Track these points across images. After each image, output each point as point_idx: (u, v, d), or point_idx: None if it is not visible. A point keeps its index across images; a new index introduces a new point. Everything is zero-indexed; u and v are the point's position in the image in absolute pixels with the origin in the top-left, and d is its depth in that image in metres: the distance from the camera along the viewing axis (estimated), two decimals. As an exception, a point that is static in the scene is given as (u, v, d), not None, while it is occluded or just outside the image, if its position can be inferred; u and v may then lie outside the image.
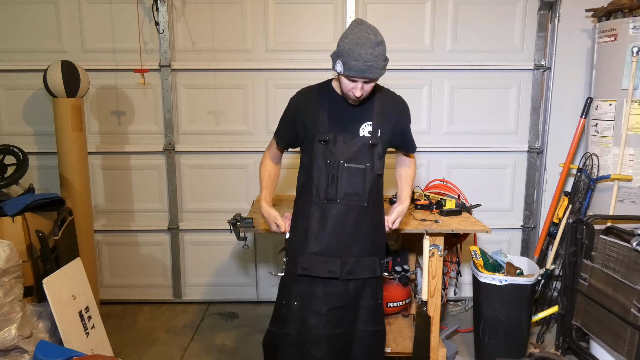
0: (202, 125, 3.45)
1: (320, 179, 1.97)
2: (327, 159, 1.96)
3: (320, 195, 1.97)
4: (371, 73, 1.80)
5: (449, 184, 3.15)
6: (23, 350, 2.14)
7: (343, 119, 1.98)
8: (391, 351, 2.54)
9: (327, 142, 1.95)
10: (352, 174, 1.96)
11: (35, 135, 3.42)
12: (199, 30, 3.34)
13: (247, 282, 3.64)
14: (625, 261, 2.37)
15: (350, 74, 1.80)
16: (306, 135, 2.02)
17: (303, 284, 1.99)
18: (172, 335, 3.18)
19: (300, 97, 2.06)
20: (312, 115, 2.00)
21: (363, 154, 1.97)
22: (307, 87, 2.09)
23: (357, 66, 1.77)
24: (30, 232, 2.39)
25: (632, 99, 2.83)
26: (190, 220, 3.57)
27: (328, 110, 1.98)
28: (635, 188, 2.90)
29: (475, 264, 2.81)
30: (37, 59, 3.28)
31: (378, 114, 2.00)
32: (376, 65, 1.78)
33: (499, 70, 3.40)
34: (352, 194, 1.97)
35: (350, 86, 1.86)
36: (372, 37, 1.77)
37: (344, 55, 1.78)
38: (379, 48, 1.78)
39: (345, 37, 1.81)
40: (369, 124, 1.99)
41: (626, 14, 2.88)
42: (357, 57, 1.76)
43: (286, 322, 2.02)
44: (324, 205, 1.97)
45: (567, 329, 2.79)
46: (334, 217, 1.96)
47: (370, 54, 1.76)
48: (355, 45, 1.76)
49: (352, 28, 1.81)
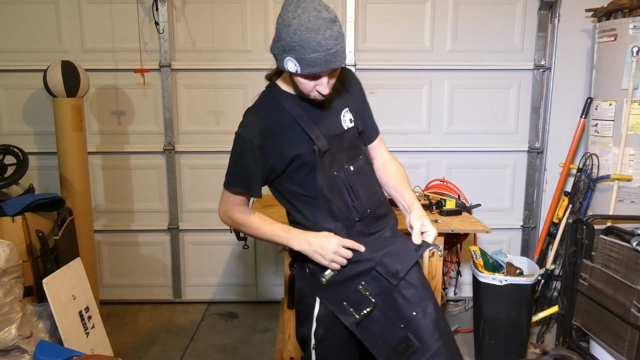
0: (202, 125, 3.45)
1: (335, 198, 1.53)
2: (330, 172, 1.54)
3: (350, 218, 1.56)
4: (337, 61, 1.37)
5: (449, 184, 3.15)
6: (23, 350, 2.13)
7: (322, 117, 1.55)
8: (391, 351, 2.53)
9: (324, 153, 1.52)
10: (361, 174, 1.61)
11: (35, 135, 3.42)
12: (199, 30, 3.34)
13: (247, 282, 3.64)
14: (625, 261, 2.37)
15: (312, 70, 1.36)
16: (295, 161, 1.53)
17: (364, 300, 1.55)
18: (172, 335, 3.18)
19: (257, 123, 1.52)
20: (289, 132, 1.52)
21: (355, 147, 1.63)
22: (253, 109, 1.57)
23: (318, 58, 1.33)
24: (30, 232, 2.39)
25: (632, 99, 2.83)
26: (190, 220, 3.57)
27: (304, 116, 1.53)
28: (635, 188, 2.90)
29: (475, 264, 2.81)
30: (37, 59, 3.28)
31: (347, 93, 1.63)
32: (340, 48, 1.36)
33: (499, 70, 3.40)
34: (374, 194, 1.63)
35: (312, 85, 1.43)
36: (325, 13, 1.33)
37: (296, 48, 1.33)
38: (336, 26, 1.35)
39: (288, 24, 1.33)
40: (346, 111, 1.60)
41: (626, 14, 2.88)
42: (315, 47, 1.32)
43: None
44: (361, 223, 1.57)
45: (567, 329, 2.79)
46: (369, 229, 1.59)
47: (331, 37, 1.33)
48: (307, 32, 1.31)
49: (293, 10, 1.33)
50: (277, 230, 1.57)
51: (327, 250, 1.49)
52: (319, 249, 1.50)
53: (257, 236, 1.61)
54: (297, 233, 1.55)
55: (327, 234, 1.52)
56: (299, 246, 1.53)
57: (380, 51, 3.34)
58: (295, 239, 1.54)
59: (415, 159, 3.47)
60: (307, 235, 1.53)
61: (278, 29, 1.38)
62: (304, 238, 1.53)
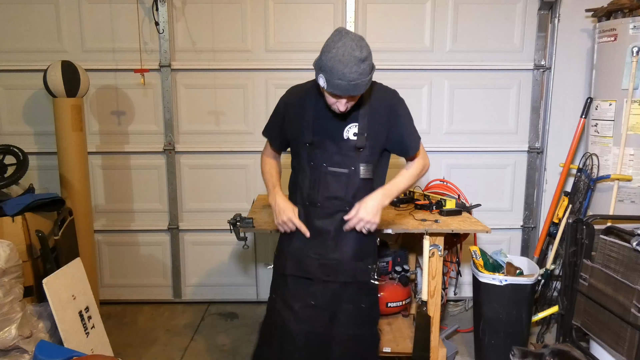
0: (202, 125, 3.45)
1: (304, 181, 1.95)
2: (312, 162, 1.92)
3: (303, 198, 1.96)
4: (357, 91, 1.72)
5: (449, 184, 3.15)
6: (23, 350, 2.13)
7: (329, 121, 1.90)
8: (391, 351, 2.54)
9: (312, 144, 1.91)
10: (335, 178, 1.91)
11: (35, 135, 3.42)
12: (199, 30, 3.34)
13: (247, 282, 3.64)
14: (625, 261, 2.37)
15: (334, 91, 1.71)
16: (293, 136, 1.98)
17: (282, 279, 2.01)
18: (172, 335, 3.18)
19: (289, 97, 2.03)
20: (299, 116, 1.95)
21: (348, 157, 1.91)
22: (297, 86, 2.04)
23: (340, 85, 1.68)
24: (30, 232, 2.39)
25: (632, 99, 2.83)
26: (190, 220, 3.57)
27: (314, 111, 1.91)
28: (635, 188, 2.90)
29: (475, 264, 2.81)
30: (37, 59, 3.28)
31: (366, 114, 1.90)
32: (361, 82, 1.69)
33: (499, 70, 3.40)
34: (334, 198, 1.92)
35: (333, 101, 1.79)
36: (357, 52, 1.65)
37: (327, 71, 1.68)
38: (364, 65, 1.67)
39: (328, 51, 1.68)
40: (354, 126, 1.90)
41: (626, 14, 2.88)
42: (340, 75, 1.66)
43: (270, 313, 2.06)
44: (307, 208, 1.96)
45: (567, 329, 2.78)
46: (314, 220, 1.94)
47: (355, 72, 1.65)
48: (338, 63, 1.64)
49: (336, 41, 1.68)
50: (269, 181, 2.07)
51: (280, 216, 1.95)
52: (278, 211, 1.96)
53: (263, 176, 2.13)
54: (276, 192, 2.00)
55: (290, 207, 1.95)
56: (270, 200, 2.02)
57: (380, 51, 3.33)
58: (271, 194, 2.02)
59: (415, 159, 3.47)
60: (279, 198, 1.97)
61: (323, 49, 1.72)
62: (276, 198, 1.98)
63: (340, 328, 1.98)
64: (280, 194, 2.00)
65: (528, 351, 1.75)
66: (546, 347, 1.76)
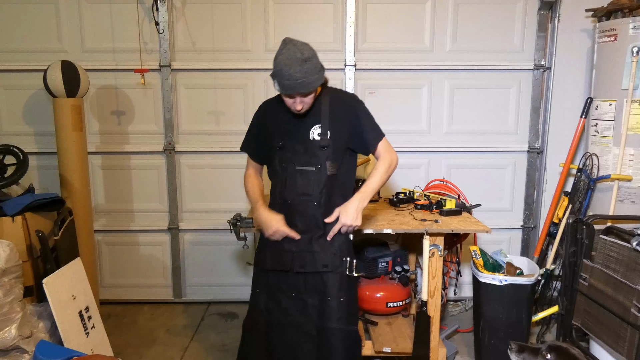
0: (202, 125, 3.45)
1: (277, 181, 2.15)
2: (282, 163, 2.12)
3: (276, 197, 2.14)
4: (304, 88, 1.93)
5: (449, 184, 3.15)
6: (23, 350, 2.13)
7: (296, 125, 2.11)
8: (391, 351, 2.54)
9: (282, 147, 2.11)
10: (303, 176, 2.09)
11: (35, 135, 3.42)
12: (199, 30, 3.34)
13: (247, 282, 3.59)
14: (625, 261, 2.37)
15: (285, 92, 1.95)
16: (267, 143, 2.17)
17: (264, 274, 2.16)
18: (172, 335, 3.18)
19: (260, 110, 2.26)
20: (270, 124, 2.17)
21: (315, 156, 2.08)
22: (267, 101, 2.28)
23: (289, 85, 1.91)
24: (30, 232, 2.39)
25: (632, 99, 2.83)
26: (190, 220, 3.57)
27: (282, 118, 2.13)
28: (635, 188, 2.90)
29: (475, 264, 2.81)
30: (37, 59, 3.28)
31: (326, 115, 2.10)
32: (308, 80, 1.91)
33: (499, 70, 3.40)
34: (302, 195, 2.09)
35: (290, 102, 2.00)
36: (299, 55, 1.89)
37: (277, 75, 1.92)
38: (307, 64, 1.90)
39: (276, 58, 1.93)
40: (318, 127, 2.09)
41: (626, 14, 2.88)
42: (287, 77, 1.89)
43: (253, 308, 2.19)
44: (280, 206, 2.13)
45: (567, 329, 2.78)
46: (287, 215, 2.10)
47: (299, 72, 1.88)
48: (284, 66, 1.88)
49: (281, 49, 1.93)
50: (252, 197, 2.22)
51: (268, 230, 2.10)
52: (264, 226, 2.11)
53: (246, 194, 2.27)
54: (258, 207, 2.14)
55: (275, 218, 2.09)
56: (255, 216, 2.18)
57: (380, 51, 3.34)
58: (254, 209, 2.19)
59: (415, 159, 3.47)
60: (262, 212, 2.12)
61: (274, 59, 1.94)
62: (259, 213, 2.13)
63: (324, 322, 2.10)
64: (263, 207, 2.15)
65: (525, 345, 1.76)
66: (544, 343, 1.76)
